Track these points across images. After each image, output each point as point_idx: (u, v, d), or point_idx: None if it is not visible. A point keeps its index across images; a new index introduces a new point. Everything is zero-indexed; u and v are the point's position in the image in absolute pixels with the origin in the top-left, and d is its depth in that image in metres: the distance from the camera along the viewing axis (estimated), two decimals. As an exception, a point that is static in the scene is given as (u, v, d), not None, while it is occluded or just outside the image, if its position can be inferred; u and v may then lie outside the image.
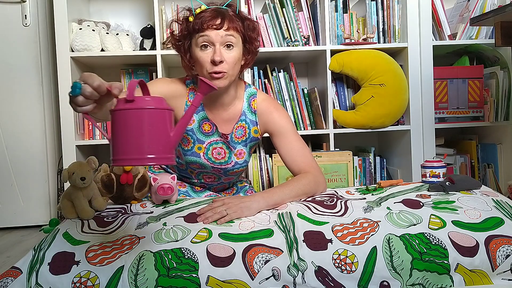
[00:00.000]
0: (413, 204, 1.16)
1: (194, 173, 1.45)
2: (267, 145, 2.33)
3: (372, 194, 1.26)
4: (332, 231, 1.03)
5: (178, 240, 1.01)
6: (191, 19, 1.28)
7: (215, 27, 1.24)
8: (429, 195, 1.22)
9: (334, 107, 2.25)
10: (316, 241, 1.00)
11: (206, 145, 1.37)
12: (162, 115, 0.82)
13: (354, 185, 2.03)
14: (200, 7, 1.28)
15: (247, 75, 2.24)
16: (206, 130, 1.36)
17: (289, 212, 1.13)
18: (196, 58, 1.27)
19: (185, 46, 1.32)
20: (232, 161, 1.41)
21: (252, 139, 1.43)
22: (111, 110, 0.82)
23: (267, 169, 2.24)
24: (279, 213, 1.14)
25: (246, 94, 1.40)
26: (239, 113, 1.39)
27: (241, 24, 1.29)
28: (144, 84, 0.88)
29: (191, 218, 1.11)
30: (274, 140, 1.40)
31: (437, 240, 1.00)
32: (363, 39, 2.23)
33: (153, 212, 1.17)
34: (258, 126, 1.41)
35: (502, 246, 1.01)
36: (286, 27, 2.22)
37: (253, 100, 1.40)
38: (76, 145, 2.13)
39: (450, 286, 0.96)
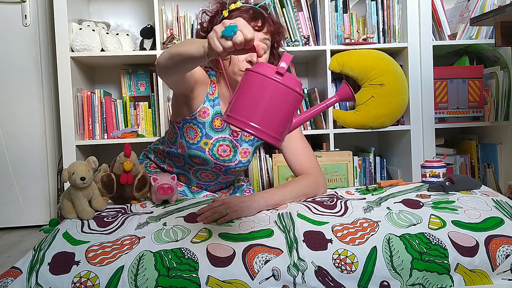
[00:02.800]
0: (413, 204, 1.16)
1: (192, 169, 1.43)
2: (267, 145, 2.33)
3: (372, 194, 1.27)
4: (332, 231, 1.03)
5: (178, 240, 1.01)
6: (225, 13, 1.27)
7: (256, 28, 1.25)
8: (429, 195, 1.22)
9: (334, 107, 2.25)
10: (316, 241, 1.00)
11: (213, 141, 1.36)
12: (298, 100, 0.83)
13: (354, 185, 2.03)
14: (235, 3, 1.27)
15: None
16: (217, 126, 1.35)
17: (289, 212, 1.13)
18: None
19: None
20: (236, 159, 1.41)
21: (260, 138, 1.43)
22: (250, 70, 0.82)
23: (267, 169, 2.24)
24: (279, 213, 1.14)
25: None
26: None
27: (274, 28, 1.31)
28: None
29: (191, 218, 1.11)
30: None
31: (437, 240, 1.00)
32: (363, 39, 2.23)
33: (153, 212, 1.17)
34: None
35: (502, 246, 1.01)
36: (286, 27, 2.22)
37: None
38: (76, 145, 2.13)
39: (450, 286, 0.97)
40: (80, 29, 2.14)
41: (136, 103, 2.29)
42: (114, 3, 2.49)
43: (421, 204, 1.16)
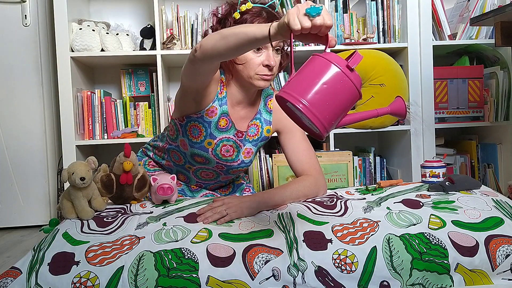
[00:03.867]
0: (413, 204, 1.16)
1: (193, 169, 1.42)
2: (267, 145, 2.33)
3: (372, 194, 1.27)
4: (332, 231, 1.03)
5: (178, 240, 1.01)
6: (236, 15, 1.25)
7: None
8: (429, 195, 1.22)
9: (334, 107, 2.25)
10: (316, 241, 1.00)
11: (217, 141, 1.34)
12: (355, 99, 0.84)
13: (354, 185, 2.03)
14: (245, 4, 1.25)
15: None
16: (221, 126, 1.33)
17: (289, 212, 1.13)
18: (245, 59, 1.25)
19: None
20: (239, 159, 1.41)
21: (263, 138, 1.43)
22: (320, 55, 0.83)
23: (267, 169, 2.24)
24: (279, 213, 1.14)
25: (264, 93, 1.42)
26: (255, 112, 1.40)
27: None
28: None
29: (191, 218, 1.12)
30: (282, 137, 1.41)
31: (437, 240, 1.00)
32: (363, 39, 2.23)
33: (153, 212, 1.17)
34: (271, 125, 1.42)
35: (502, 245, 1.01)
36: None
37: (270, 100, 1.42)
38: (76, 145, 2.13)
39: (450, 286, 0.97)
40: (80, 29, 2.14)
41: (136, 103, 2.29)
42: (114, 3, 2.49)
43: (421, 204, 1.16)
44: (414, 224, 1.05)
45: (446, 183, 1.26)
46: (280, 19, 0.86)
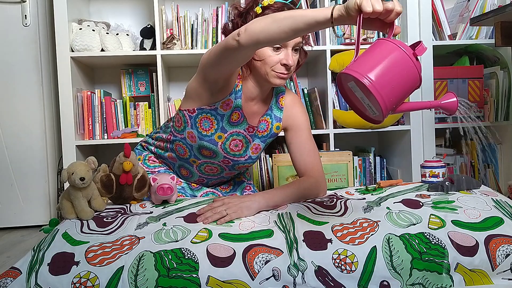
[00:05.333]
0: (412, 204, 1.16)
1: (197, 163, 1.40)
2: (268, 145, 2.32)
3: (372, 194, 1.27)
4: (332, 231, 1.03)
5: (178, 240, 1.01)
6: (258, 10, 1.24)
7: None
8: (429, 195, 1.22)
9: (334, 107, 2.25)
10: (316, 241, 1.00)
11: (227, 135, 1.33)
12: (416, 86, 0.86)
13: (354, 185, 2.03)
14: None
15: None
16: (233, 120, 1.32)
17: (289, 212, 1.14)
18: (263, 55, 1.24)
19: None
20: (246, 154, 1.40)
21: (272, 135, 1.43)
22: (388, 40, 0.85)
23: (267, 169, 2.24)
24: (279, 213, 1.14)
25: (276, 90, 1.42)
26: (267, 108, 1.40)
27: None
28: None
29: (191, 218, 1.12)
30: (289, 134, 1.40)
31: (437, 239, 1.00)
32: (363, 39, 2.23)
33: (152, 212, 1.17)
34: (281, 122, 1.42)
35: (502, 245, 1.01)
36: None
37: (281, 97, 1.42)
38: (76, 145, 2.13)
39: (450, 286, 0.97)
40: (80, 29, 2.14)
41: (136, 103, 2.29)
42: (114, 3, 2.49)
43: (421, 204, 1.16)
44: (414, 224, 1.05)
45: (446, 183, 1.27)
46: (349, 1, 0.85)
